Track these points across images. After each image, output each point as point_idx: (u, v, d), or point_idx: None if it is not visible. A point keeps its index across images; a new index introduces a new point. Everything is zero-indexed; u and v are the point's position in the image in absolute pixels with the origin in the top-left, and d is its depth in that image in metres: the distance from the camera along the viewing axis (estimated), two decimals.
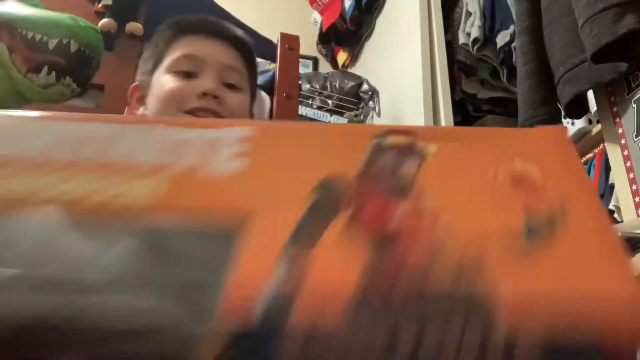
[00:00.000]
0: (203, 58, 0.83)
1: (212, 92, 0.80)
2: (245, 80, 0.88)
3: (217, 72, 0.83)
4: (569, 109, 1.47)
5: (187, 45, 0.85)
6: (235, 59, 0.87)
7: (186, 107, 0.80)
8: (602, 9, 1.25)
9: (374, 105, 2.16)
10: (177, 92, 0.81)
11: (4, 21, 1.18)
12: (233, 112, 0.82)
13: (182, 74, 0.83)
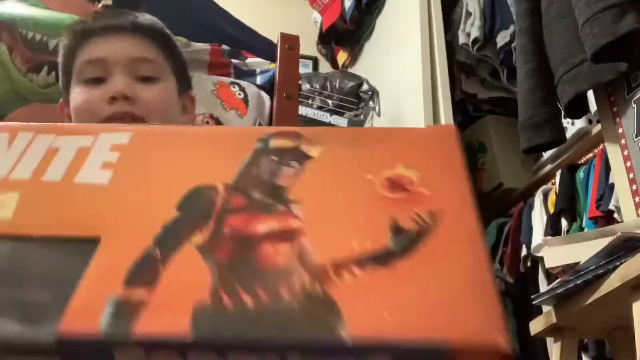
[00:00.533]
0: (106, 59, 0.77)
1: (120, 94, 0.74)
2: (163, 67, 0.81)
3: (125, 69, 0.77)
4: (569, 108, 1.47)
5: (88, 49, 0.79)
6: (143, 48, 0.80)
7: (100, 117, 0.74)
8: (602, 8, 1.25)
9: (374, 105, 2.16)
10: (87, 104, 0.75)
11: (4, 21, 1.18)
12: (152, 107, 0.76)
13: (90, 82, 0.77)
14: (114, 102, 0.74)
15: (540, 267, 1.73)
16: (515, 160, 2.14)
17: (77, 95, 0.77)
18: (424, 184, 0.32)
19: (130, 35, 0.80)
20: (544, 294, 1.10)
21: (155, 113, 0.76)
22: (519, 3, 1.67)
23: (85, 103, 0.75)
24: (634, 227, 1.05)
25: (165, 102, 0.79)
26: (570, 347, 1.11)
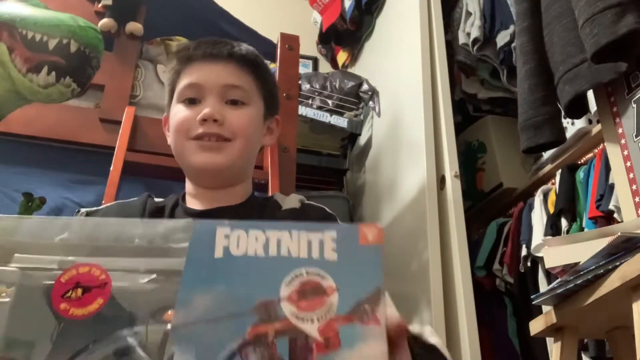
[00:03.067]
0: (202, 84, 0.89)
1: (209, 116, 0.86)
2: (252, 93, 0.92)
3: (217, 93, 0.89)
4: (569, 108, 1.47)
5: (189, 74, 0.91)
6: (235, 75, 0.91)
7: (192, 134, 0.87)
8: (602, 9, 1.25)
9: (374, 105, 2.16)
10: (183, 122, 0.88)
11: (4, 21, 1.18)
12: (237, 129, 0.88)
13: (187, 102, 0.90)
14: (204, 123, 0.86)
15: (540, 267, 1.73)
16: (515, 160, 2.14)
17: (175, 112, 0.90)
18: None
19: (225, 62, 0.91)
20: (544, 294, 1.10)
21: (240, 135, 0.88)
22: (519, 3, 1.66)
23: (181, 120, 0.88)
24: (634, 227, 1.05)
25: (249, 125, 0.90)
26: (570, 347, 1.10)
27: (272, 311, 0.38)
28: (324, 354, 0.37)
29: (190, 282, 0.39)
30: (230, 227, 0.42)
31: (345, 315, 0.39)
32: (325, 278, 0.40)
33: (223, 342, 0.37)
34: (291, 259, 0.41)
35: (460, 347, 1.42)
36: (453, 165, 1.65)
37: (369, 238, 0.42)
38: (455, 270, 1.51)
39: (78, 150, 1.63)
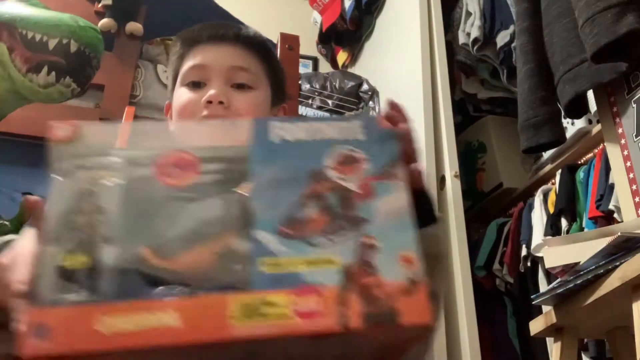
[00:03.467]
0: (207, 65, 0.86)
1: (215, 98, 0.83)
2: (259, 77, 0.89)
3: (223, 76, 0.85)
4: (568, 108, 1.47)
5: (194, 56, 0.88)
6: (242, 58, 0.88)
7: (196, 117, 0.83)
8: (602, 9, 1.25)
9: (374, 105, 2.16)
10: (187, 105, 0.85)
11: (4, 21, 1.18)
12: (243, 114, 0.84)
13: (191, 85, 0.86)
14: (209, 106, 0.83)
15: (540, 267, 1.73)
16: (515, 160, 2.14)
17: (179, 95, 0.87)
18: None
19: (232, 44, 0.88)
20: (544, 294, 1.10)
21: (247, 117, 0.82)
22: (519, 3, 1.67)
23: (186, 103, 0.85)
24: (634, 227, 1.05)
25: (256, 109, 0.86)
26: (570, 347, 1.10)
27: (321, 175, 0.52)
28: (363, 201, 0.51)
29: (257, 161, 0.52)
30: (281, 121, 0.55)
31: (376, 176, 0.52)
32: (358, 152, 0.54)
33: (288, 197, 0.51)
34: (330, 140, 0.54)
35: (460, 347, 1.42)
36: (453, 165, 1.65)
37: (386, 124, 0.57)
38: (455, 270, 1.51)
39: None
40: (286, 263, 0.47)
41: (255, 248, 0.48)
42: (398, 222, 0.51)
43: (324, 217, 0.50)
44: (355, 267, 0.48)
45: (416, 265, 0.48)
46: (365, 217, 0.50)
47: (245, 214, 0.50)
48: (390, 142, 0.55)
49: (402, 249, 0.49)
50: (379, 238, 0.49)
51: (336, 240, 0.49)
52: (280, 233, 0.49)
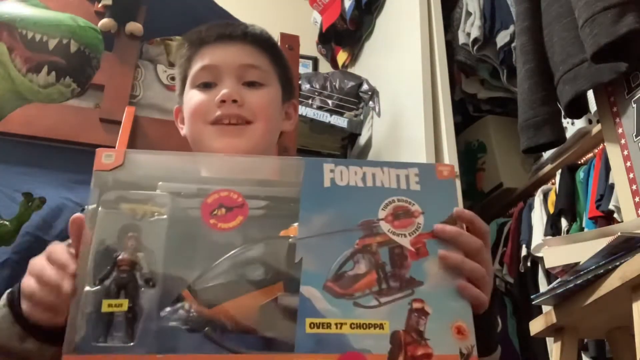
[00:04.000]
0: (217, 65, 0.85)
1: (228, 97, 0.82)
2: (269, 74, 0.88)
3: (234, 74, 0.85)
4: (568, 108, 1.47)
5: (202, 57, 0.87)
6: (251, 55, 0.87)
7: (210, 118, 0.82)
8: (602, 9, 1.25)
9: (374, 105, 2.16)
10: (200, 106, 0.84)
11: (4, 21, 1.18)
12: (257, 110, 0.83)
13: (202, 86, 0.85)
14: (223, 105, 0.82)
15: (540, 267, 1.73)
16: (515, 160, 2.14)
17: (190, 97, 0.86)
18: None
19: (240, 43, 0.87)
20: (544, 294, 1.10)
21: (260, 116, 0.83)
22: (519, 3, 1.66)
23: (198, 104, 0.84)
24: (634, 227, 1.05)
25: (269, 106, 0.86)
26: (570, 347, 1.10)
27: (374, 228, 0.49)
28: (416, 260, 0.48)
29: (307, 206, 0.50)
30: (334, 164, 0.52)
31: (430, 233, 0.50)
32: (413, 204, 0.51)
33: (338, 250, 0.48)
34: (384, 189, 0.51)
35: None
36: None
37: (445, 174, 0.53)
38: None
39: (78, 150, 1.62)
40: (333, 324, 0.45)
41: (301, 306, 0.46)
42: (452, 287, 0.48)
43: (373, 275, 0.47)
44: (404, 335, 0.45)
45: (469, 338, 0.46)
46: (417, 278, 0.47)
47: (293, 264, 0.47)
48: (446, 193, 0.52)
49: (455, 317, 0.46)
50: (431, 303, 0.46)
51: (385, 302, 0.46)
52: (328, 290, 0.46)
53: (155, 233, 0.49)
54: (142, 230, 0.49)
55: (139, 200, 0.50)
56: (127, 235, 0.48)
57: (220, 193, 0.50)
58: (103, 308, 0.45)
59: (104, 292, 0.46)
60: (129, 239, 0.48)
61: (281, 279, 0.47)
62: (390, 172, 0.52)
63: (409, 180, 0.52)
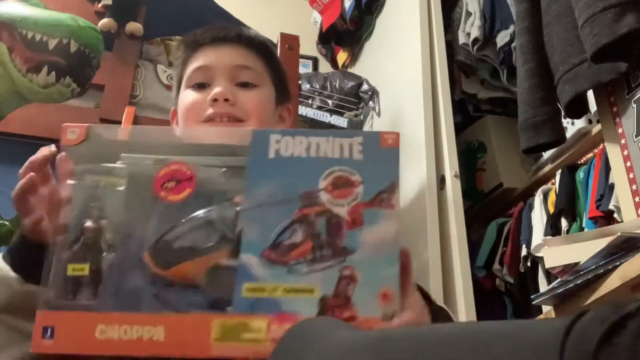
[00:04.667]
0: (211, 65, 0.87)
1: (220, 96, 0.83)
2: (262, 76, 0.90)
3: (227, 75, 0.86)
4: (568, 108, 1.47)
5: (197, 58, 0.89)
6: (245, 57, 0.89)
7: (202, 116, 0.84)
8: (602, 9, 1.25)
9: (374, 105, 2.16)
10: (193, 105, 0.85)
11: (4, 21, 1.18)
12: (249, 110, 0.85)
13: (196, 86, 0.87)
14: (215, 104, 0.83)
15: (540, 267, 1.73)
16: (515, 160, 2.14)
17: (184, 97, 0.88)
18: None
19: (234, 45, 0.89)
20: (544, 294, 1.10)
21: (252, 116, 0.85)
22: (519, 3, 1.66)
23: (191, 104, 0.86)
24: (634, 227, 1.05)
25: (262, 106, 0.88)
26: None
27: (313, 198, 0.51)
28: (352, 229, 0.50)
29: (252, 176, 0.53)
30: (281, 134, 0.54)
31: (368, 202, 0.51)
32: (353, 174, 0.52)
33: (277, 220, 0.51)
34: (327, 159, 0.53)
35: None
36: (453, 165, 1.65)
37: (389, 142, 0.54)
38: (455, 270, 1.51)
39: None
40: (267, 289, 0.49)
41: (240, 271, 0.50)
42: (383, 255, 0.50)
43: (309, 244, 0.50)
44: (332, 300, 0.48)
45: (394, 302, 0.48)
46: (351, 247, 0.50)
47: (236, 230, 0.51)
48: (388, 162, 0.53)
49: (383, 284, 0.49)
50: (361, 271, 0.49)
51: (318, 269, 0.49)
52: (265, 257, 0.50)
53: (116, 202, 0.54)
54: (105, 199, 0.54)
55: (102, 172, 0.55)
56: (91, 204, 0.54)
57: (171, 167, 0.54)
58: (68, 271, 0.51)
59: (71, 256, 0.52)
60: (93, 209, 0.54)
61: (227, 245, 0.51)
62: (335, 141, 0.54)
63: (352, 150, 0.53)
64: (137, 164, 0.55)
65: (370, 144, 0.53)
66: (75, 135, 0.56)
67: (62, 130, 0.57)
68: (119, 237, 0.53)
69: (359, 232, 0.50)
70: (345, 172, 0.52)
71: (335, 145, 0.53)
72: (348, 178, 0.52)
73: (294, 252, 0.50)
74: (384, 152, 0.53)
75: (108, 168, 0.55)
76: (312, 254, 0.50)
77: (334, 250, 0.50)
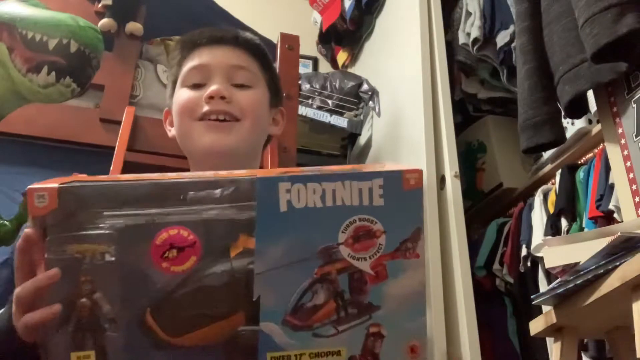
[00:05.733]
0: (208, 65, 0.87)
1: (218, 93, 0.83)
2: (257, 77, 0.90)
3: (224, 74, 0.86)
4: (568, 108, 1.47)
5: (193, 58, 0.89)
6: (241, 58, 0.89)
7: (197, 114, 0.84)
8: (602, 8, 1.25)
9: (374, 105, 2.16)
10: (188, 103, 0.85)
11: (4, 21, 1.18)
12: (245, 109, 0.85)
13: (193, 86, 0.87)
14: (211, 101, 0.83)
15: (540, 267, 1.73)
16: (515, 160, 2.14)
17: (179, 96, 0.87)
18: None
19: (231, 46, 0.90)
20: (544, 294, 1.10)
21: (248, 115, 0.85)
22: (519, 3, 1.66)
23: (186, 102, 0.85)
24: (634, 227, 1.05)
25: (257, 106, 0.88)
26: (570, 347, 1.10)
27: (333, 254, 0.47)
28: (375, 284, 0.47)
29: (263, 235, 0.47)
30: (291, 182, 0.48)
31: (391, 253, 0.48)
32: (375, 222, 0.48)
33: (296, 282, 0.47)
34: (345, 207, 0.48)
35: (460, 347, 1.42)
36: (453, 165, 1.65)
37: (411, 183, 0.50)
38: (455, 270, 1.51)
39: (78, 150, 1.63)
40: (293, 356, 0.46)
41: (261, 341, 0.46)
42: (409, 308, 0.48)
43: (332, 304, 0.47)
44: (361, 359, 0.46)
45: (421, 355, 0.47)
46: (375, 303, 0.47)
47: (252, 293, 0.47)
48: (412, 206, 0.49)
49: (410, 337, 0.47)
50: (387, 326, 0.47)
51: (344, 329, 0.47)
52: (287, 323, 0.47)
53: (108, 271, 0.47)
54: (95, 271, 0.47)
55: (85, 240, 0.48)
56: (80, 279, 0.47)
57: (169, 231, 0.47)
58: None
59: (70, 342, 0.46)
60: (83, 283, 0.47)
61: (241, 308, 0.47)
62: (352, 186, 0.48)
63: (373, 195, 0.48)
64: (125, 227, 0.47)
65: (391, 186, 0.49)
66: (44, 202, 0.48)
67: (27, 194, 0.48)
68: (118, 308, 0.46)
69: (383, 285, 0.47)
70: (366, 221, 0.48)
71: (353, 191, 0.48)
72: (370, 228, 0.48)
73: (317, 315, 0.47)
74: (407, 195, 0.49)
75: (93, 234, 0.47)
76: (337, 314, 0.47)
77: (358, 309, 0.47)
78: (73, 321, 0.46)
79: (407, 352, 0.47)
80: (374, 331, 0.47)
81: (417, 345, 0.47)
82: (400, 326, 0.47)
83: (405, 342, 0.47)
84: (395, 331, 0.47)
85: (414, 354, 0.47)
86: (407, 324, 0.47)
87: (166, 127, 0.94)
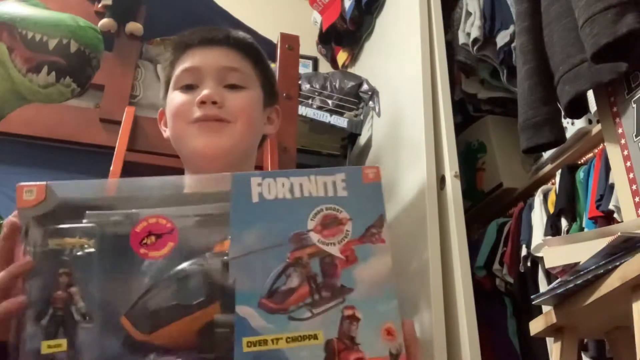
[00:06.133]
0: (200, 67, 0.87)
1: (209, 98, 0.83)
2: (250, 78, 0.90)
3: (215, 76, 0.86)
4: (568, 108, 1.47)
5: (185, 60, 0.88)
6: (233, 59, 0.89)
7: (191, 119, 0.84)
8: (602, 9, 1.25)
9: (374, 105, 2.16)
10: (181, 107, 0.85)
11: (4, 21, 1.18)
12: (237, 112, 0.85)
13: (185, 88, 0.86)
14: (203, 106, 0.83)
15: (540, 267, 1.73)
16: (515, 160, 2.14)
17: (172, 99, 0.87)
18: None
19: (223, 47, 0.89)
20: (544, 294, 1.10)
21: (240, 117, 0.85)
22: (519, 3, 1.66)
23: (179, 106, 0.85)
24: (634, 227, 1.05)
25: (249, 108, 0.87)
26: (570, 347, 1.10)
27: (303, 240, 0.50)
28: (346, 267, 0.50)
29: (237, 223, 0.50)
30: (262, 177, 0.53)
31: (359, 238, 0.51)
32: (341, 211, 0.52)
33: (270, 266, 0.49)
34: (312, 198, 0.52)
35: (460, 347, 1.42)
36: (453, 165, 1.65)
37: (371, 177, 0.54)
38: (455, 270, 1.51)
39: (78, 150, 1.63)
40: (269, 340, 0.47)
41: (237, 325, 0.47)
42: (380, 290, 0.49)
43: (306, 288, 0.49)
44: (338, 342, 0.47)
45: (397, 338, 0.48)
46: (348, 285, 0.49)
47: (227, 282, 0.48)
48: (373, 197, 0.53)
49: (384, 320, 0.48)
50: (361, 309, 0.49)
51: (319, 312, 0.48)
52: (262, 306, 0.48)
53: (87, 266, 0.49)
54: (73, 264, 0.49)
55: (67, 234, 0.50)
56: (58, 271, 0.48)
57: (148, 220, 0.50)
58: (43, 350, 0.46)
59: (42, 332, 0.46)
60: (61, 276, 0.48)
61: (217, 298, 0.48)
62: (318, 179, 0.53)
63: (337, 187, 0.52)
64: (106, 221, 0.50)
65: (352, 179, 0.53)
66: (32, 196, 0.52)
67: (17, 190, 0.52)
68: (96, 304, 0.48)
69: (353, 269, 0.50)
70: (332, 210, 0.52)
71: (318, 184, 0.52)
72: (336, 216, 0.51)
73: (292, 298, 0.48)
74: (368, 187, 0.53)
75: (74, 228, 0.50)
76: (311, 297, 0.49)
77: (332, 291, 0.49)
78: (48, 312, 0.47)
79: (383, 334, 0.48)
80: (349, 314, 0.48)
81: (392, 327, 0.48)
82: (373, 308, 0.49)
83: (380, 324, 0.48)
84: (370, 313, 0.48)
85: (391, 336, 0.48)
86: (380, 306, 0.49)
87: (161, 127, 0.94)
